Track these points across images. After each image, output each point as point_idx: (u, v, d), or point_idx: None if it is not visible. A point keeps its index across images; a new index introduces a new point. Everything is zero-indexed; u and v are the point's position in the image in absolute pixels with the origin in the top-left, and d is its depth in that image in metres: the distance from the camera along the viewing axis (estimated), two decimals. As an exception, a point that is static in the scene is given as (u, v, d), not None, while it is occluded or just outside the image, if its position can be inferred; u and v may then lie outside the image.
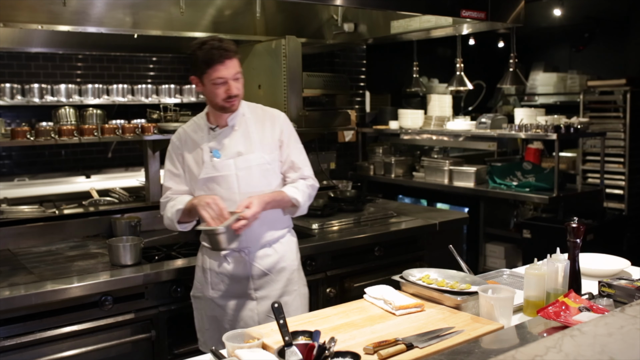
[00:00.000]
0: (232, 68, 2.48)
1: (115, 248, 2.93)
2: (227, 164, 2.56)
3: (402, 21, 4.24)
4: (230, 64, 2.46)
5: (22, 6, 3.19)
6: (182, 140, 2.66)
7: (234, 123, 2.61)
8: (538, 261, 2.29)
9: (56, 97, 5.03)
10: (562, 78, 7.86)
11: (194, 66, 2.50)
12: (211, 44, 2.46)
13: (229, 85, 2.48)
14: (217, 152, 2.59)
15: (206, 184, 2.58)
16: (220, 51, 2.44)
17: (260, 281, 2.64)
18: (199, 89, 2.56)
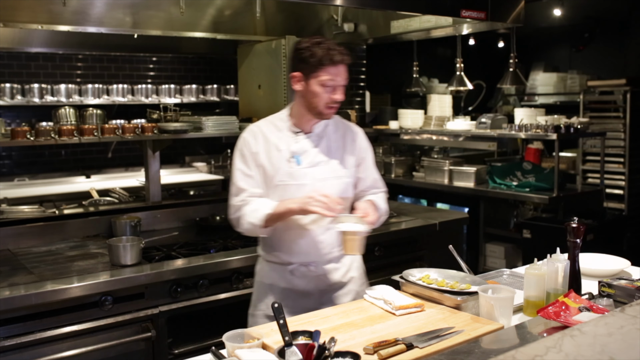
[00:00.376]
0: (344, 74, 2.39)
1: (115, 248, 2.93)
2: (305, 173, 2.42)
3: (402, 21, 4.24)
4: (343, 70, 2.38)
5: (22, 6, 3.19)
6: (257, 138, 2.47)
7: (318, 131, 2.48)
8: (538, 261, 2.30)
9: (56, 97, 5.04)
10: (562, 78, 7.86)
11: (304, 62, 2.36)
12: (329, 44, 2.34)
13: (336, 90, 2.38)
14: (298, 159, 2.43)
15: (280, 190, 2.43)
16: (339, 54, 2.34)
17: (327, 296, 2.51)
18: (298, 87, 2.41)
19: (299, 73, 2.40)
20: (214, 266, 3.01)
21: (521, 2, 3.91)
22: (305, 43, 2.38)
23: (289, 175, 2.42)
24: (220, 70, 6.30)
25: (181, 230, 3.67)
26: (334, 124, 2.55)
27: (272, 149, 2.45)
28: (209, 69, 6.34)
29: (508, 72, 5.40)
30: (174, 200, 3.98)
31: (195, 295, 2.98)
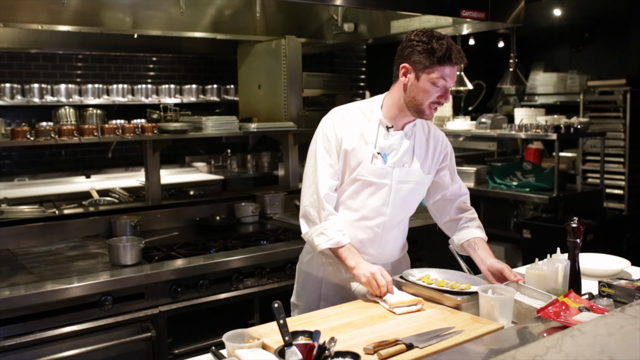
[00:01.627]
0: (455, 76, 2.29)
1: (115, 248, 2.93)
2: (387, 172, 2.33)
3: (402, 21, 4.24)
4: (455, 71, 2.26)
5: (22, 6, 3.19)
6: (345, 123, 2.34)
7: (408, 131, 2.38)
8: (538, 261, 2.30)
9: (56, 97, 5.04)
10: (562, 78, 7.86)
11: (419, 55, 2.22)
12: (449, 42, 2.21)
13: (445, 90, 2.26)
14: (385, 156, 2.33)
15: (358, 184, 2.34)
16: (459, 54, 2.22)
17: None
18: (405, 79, 2.28)
19: (410, 65, 2.26)
20: (214, 266, 3.01)
21: (521, 2, 3.91)
22: (424, 36, 2.23)
23: (372, 171, 2.32)
24: (220, 70, 6.31)
25: (181, 230, 3.67)
26: (421, 125, 2.44)
27: (358, 138, 2.32)
28: (209, 69, 6.35)
29: (508, 72, 5.41)
30: (174, 200, 3.98)
31: (195, 295, 2.98)
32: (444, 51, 2.18)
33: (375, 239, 2.40)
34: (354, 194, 2.35)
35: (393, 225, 2.44)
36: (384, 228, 2.41)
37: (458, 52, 2.22)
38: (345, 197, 2.37)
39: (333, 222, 2.32)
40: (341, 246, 2.30)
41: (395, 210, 2.39)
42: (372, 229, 2.39)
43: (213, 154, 5.98)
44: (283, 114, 3.98)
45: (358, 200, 2.36)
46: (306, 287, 2.52)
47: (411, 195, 2.40)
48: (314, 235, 2.33)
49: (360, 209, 2.36)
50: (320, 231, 2.31)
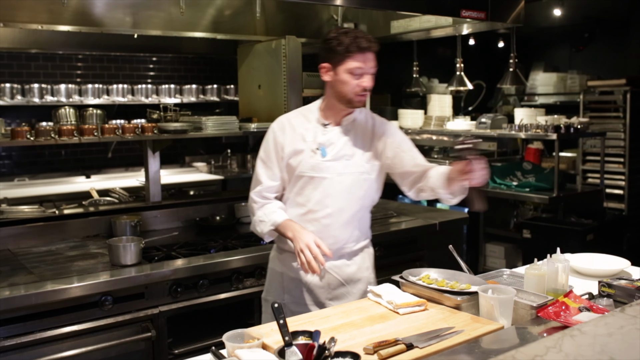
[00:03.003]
0: (372, 61, 2.41)
1: (115, 248, 2.93)
2: (328, 166, 2.44)
3: (402, 21, 4.24)
4: (371, 57, 2.40)
5: (22, 6, 3.19)
6: (284, 129, 2.51)
7: (347, 124, 2.50)
8: (538, 261, 2.30)
9: (56, 97, 5.04)
10: (562, 78, 7.85)
11: (331, 52, 2.39)
12: (356, 32, 2.38)
13: (364, 77, 2.39)
14: (324, 150, 2.45)
15: (301, 181, 2.47)
16: (366, 41, 2.37)
17: (336, 292, 2.53)
18: (327, 77, 2.45)
19: (327, 63, 2.43)
20: (214, 266, 3.01)
21: (521, 2, 3.92)
22: (332, 33, 2.43)
23: (311, 167, 2.45)
24: (220, 70, 6.31)
25: (181, 230, 3.67)
26: (365, 118, 2.55)
27: (298, 139, 2.48)
28: (209, 69, 6.35)
29: (508, 72, 5.40)
30: (174, 200, 3.98)
31: (195, 295, 2.98)
32: (351, 41, 2.35)
33: (324, 230, 2.46)
34: (299, 190, 2.48)
35: (344, 217, 2.49)
36: (332, 220, 2.47)
37: (365, 39, 2.37)
38: (293, 195, 2.51)
39: (267, 207, 2.48)
40: (279, 224, 2.41)
41: (340, 202, 2.46)
42: (319, 221, 2.47)
43: (213, 154, 5.98)
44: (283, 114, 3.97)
45: (303, 196, 2.48)
46: (272, 282, 2.64)
47: (356, 185, 2.48)
48: (255, 227, 2.51)
49: (306, 203, 2.48)
50: (258, 220, 2.49)
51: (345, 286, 2.54)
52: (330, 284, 2.52)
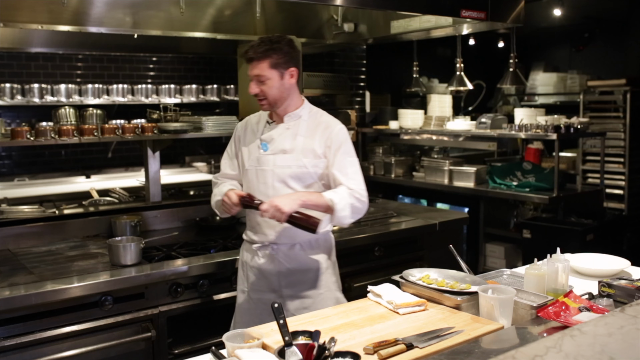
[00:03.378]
0: (255, 69, 2.56)
1: (115, 248, 2.93)
2: (268, 159, 2.64)
3: (402, 21, 4.24)
4: (254, 65, 2.56)
5: (22, 6, 3.19)
6: (245, 127, 2.79)
7: (290, 122, 2.67)
8: (538, 261, 2.30)
9: (56, 97, 5.03)
10: (562, 78, 7.85)
11: None
12: (256, 41, 2.57)
13: (250, 84, 2.61)
14: (265, 145, 2.67)
15: (248, 174, 2.69)
16: (252, 50, 2.55)
17: (288, 279, 2.65)
18: None
19: None
20: (214, 266, 3.01)
21: (521, 2, 3.91)
22: None
23: (256, 160, 2.67)
24: (220, 70, 6.31)
25: (181, 230, 3.67)
26: (312, 119, 2.69)
27: (252, 137, 2.73)
28: (209, 69, 6.35)
29: (508, 72, 5.40)
30: (174, 200, 3.98)
31: (195, 295, 2.98)
32: (244, 52, 2.59)
33: (268, 220, 2.57)
34: (248, 182, 2.70)
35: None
36: None
37: (252, 49, 2.55)
38: (245, 187, 2.72)
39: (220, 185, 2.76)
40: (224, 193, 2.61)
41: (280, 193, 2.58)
42: None
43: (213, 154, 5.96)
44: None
45: (250, 188, 2.67)
46: (239, 271, 2.83)
47: (295, 179, 2.61)
48: (212, 203, 2.77)
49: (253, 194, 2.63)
50: (213, 196, 2.76)
51: (295, 274, 2.65)
52: (280, 271, 2.65)
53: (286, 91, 2.61)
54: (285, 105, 2.65)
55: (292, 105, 2.67)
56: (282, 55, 2.56)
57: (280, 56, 2.56)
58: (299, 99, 2.71)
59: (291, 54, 2.60)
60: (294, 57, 2.62)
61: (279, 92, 2.59)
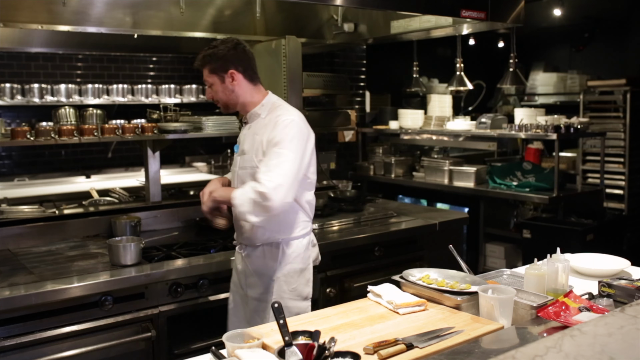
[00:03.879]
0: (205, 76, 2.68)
1: (115, 248, 2.93)
2: (236, 161, 2.73)
3: (402, 21, 4.24)
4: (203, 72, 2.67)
5: (22, 6, 3.19)
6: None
7: (251, 123, 2.72)
8: (538, 261, 2.30)
9: (56, 97, 5.03)
10: (562, 78, 7.85)
11: None
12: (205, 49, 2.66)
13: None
14: (236, 147, 2.78)
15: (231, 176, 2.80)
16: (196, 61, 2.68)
17: (249, 280, 2.71)
18: None
19: None
20: (214, 266, 3.01)
21: (521, 2, 3.91)
22: None
23: (234, 162, 2.76)
24: (221, 70, 6.29)
25: (181, 230, 3.67)
26: (271, 115, 2.64)
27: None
28: (209, 69, 6.33)
29: (508, 72, 5.40)
30: (174, 200, 3.98)
31: (195, 296, 2.98)
32: None
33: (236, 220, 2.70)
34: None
35: None
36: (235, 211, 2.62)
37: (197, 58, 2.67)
38: None
39: None
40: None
41: None
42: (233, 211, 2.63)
43: (213, 154, 5.96)
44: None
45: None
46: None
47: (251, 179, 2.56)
48: None
49: None
50: None
51: (253, 276, 2.69)
52: (245, 271, 2.73)
53: (232, 93, 2.64)
54: (241, 105, 2.68)
55: (249, 105, 2.68)
56: (218, 60, 2.60)
57: (216, 61, 2.60)
58: (256, 96, 2.69)
59: (227, 56, 2.59)
60: (232, 60, 2.60)
61: (225, 95, 2.64)
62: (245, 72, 2.64)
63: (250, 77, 2.67)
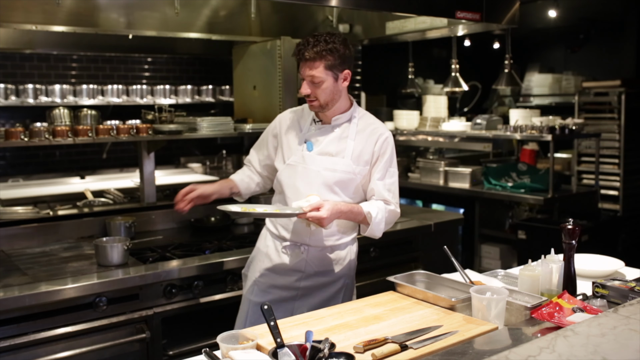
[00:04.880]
0: (309, 70, 2.45)
1: (102, 248, 2.92)
2: (315, 159, 2.55)
3: (397, 22, 4.24)
4: (307, 65, 2.45)
5: (16, 6, 3.18)
6: (284, 121, 2.70)
7: (337, 124, 2.58)
8: (532, 262, 2.30)
9: (50, 97, 5.01)
10: (557, 79, 7.88)
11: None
12: (309, 39, 2.44)
13: (303, 84, 2.50)
14: (310, 145, 2.58)
15: (290, 170, 2.59)
16: (304, 48, 2.43)
17: (308, 281, 2.62)
18: None
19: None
20: (209, 267, 3.01)
21: (516, 3, 3.92)
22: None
23: (300, 158, 2.57)
24: (216, 71, 6.29)
25: (176, 232, 3.67)
26: (361, 122, 2.59)
27: (294, 131, 2.64)
28: (204, 69, 6.33)
29: (503, 73, 5.41)
30: (169, 201, 3.96)
31: (189, 297, 2.98)
32: (297, 49, 2.47)
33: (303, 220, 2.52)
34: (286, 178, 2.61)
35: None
36: None
37: (307, 48, 2.42)
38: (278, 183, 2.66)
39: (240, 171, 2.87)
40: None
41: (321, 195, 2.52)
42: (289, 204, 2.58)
43: (208, 155, 5.96)
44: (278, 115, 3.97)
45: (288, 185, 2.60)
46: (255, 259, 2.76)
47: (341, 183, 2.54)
48: None
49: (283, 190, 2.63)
50: None
51: (320, 278, 2.63)
52: (307, 273, 2.62)
53: (338, 93, 2.51)
54: (335, 107, 2.55)
55: (341, 107, 2.57)
56: (338, 57, 2.44)
57: (336, 58, 2.44)
58: (348, 100, 2.61)
59: (346, 55, 2.48)
60: (348, 59, 2.49)
61: (332, 94, 2.49)
62: (352, 74, 2.57)
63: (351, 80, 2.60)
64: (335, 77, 2.47)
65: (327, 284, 2.63)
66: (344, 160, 2.53)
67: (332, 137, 2.57)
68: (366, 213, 2.50)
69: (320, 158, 2.54)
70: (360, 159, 2.54)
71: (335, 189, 2.53)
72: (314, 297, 2.62)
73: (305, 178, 2.54)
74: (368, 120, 2.62)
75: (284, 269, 2.63)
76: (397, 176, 2.63)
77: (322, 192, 2.51)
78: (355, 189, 2.57)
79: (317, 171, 2.53)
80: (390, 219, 2.58)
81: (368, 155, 2.55)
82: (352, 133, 2.56)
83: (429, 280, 2.39)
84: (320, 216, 2.35)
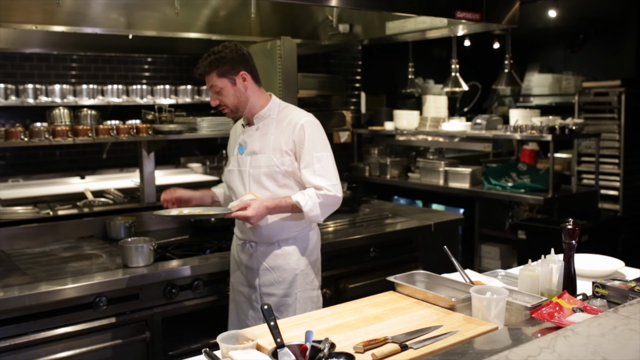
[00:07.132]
0: (209, 83, 2.65)
1: (128, 249, 2.90)
2: (245, 160, 2.70)
3: (397, 22, 4.24)
4: (208, 80, 2.66)
5: (16, 6, 3.18)
6: (232, 133, 2.92)
7: (259, 124, 2.72)
8: (532, 262, 2.30)
9: (50, 97, 5.01)
10: (557, 79, 7.88)
11: None
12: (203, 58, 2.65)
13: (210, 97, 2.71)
14: (242, 148, 2.75)
15: (229, 175, 2.79)
16: (197, 67, 2.67)
17: (265, 277, 2.70)
18: None
19: None
20: (209, 267, 3.01)
21: (516, 3, 3.92)
22: None
23: (235, 162, 2.76)
24: (216, 71, 6.28)
25: (176, 232, 3.67)
26: (279, 117, 2.71)
27: (233, 140, 2.86)
28: (205, 69, 6.33)
29: (503, 73, 5.41)
30: (169, 201, 3.96)
31: (190, 297, 2.98)
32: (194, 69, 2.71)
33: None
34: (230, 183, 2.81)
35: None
36: None
37: (199, 64, 2.65)
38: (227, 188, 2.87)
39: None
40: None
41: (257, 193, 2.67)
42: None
43: (208, 155, 5.96)
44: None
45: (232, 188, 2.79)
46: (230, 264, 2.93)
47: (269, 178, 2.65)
48: None
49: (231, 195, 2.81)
50: None
51: (272, 273, 2.70)
52: (259, 269, 2.72)
53: (243, 95, 2.66)
54: (249, 107, 2.69)
55: (256, 106, 2.70)
56: (227, 62, 2.60)
57: (225, 63, 2.60)
58: (263, 98, 2.73)
59: (236, 59, 2.62)
60: (240, 61, 2.64)
61: (236, 97, 2.64)
62: (252, 73, 2.69)
63: (256, 78, 2.72)
64: (233, 81, 2.62)
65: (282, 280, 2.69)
66: (266, 155, 2.65)
67: (256, 136, 2.71)
68: (295, 203, 2.58)
69: (248, 158, 2.70)
70: (281, 151, 2.64)
71: (264, 184, 2.65)
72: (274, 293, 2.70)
73: (239, 180, 2.72)
74: (286, 112, 2.72)
75: (243, 267, 2.77)
76: (328, 158, 2.65)
77: (255, 189, 2.66)
78: (283, 180, 2.65)
79: (247, 171, 2.69)
80: (327, 202, 2.61)
81: (287, 145, 2.64)
82: (272, 128, 2.68)
83: (429, 280, 2.39)
84: (245, 215, 2.50)
